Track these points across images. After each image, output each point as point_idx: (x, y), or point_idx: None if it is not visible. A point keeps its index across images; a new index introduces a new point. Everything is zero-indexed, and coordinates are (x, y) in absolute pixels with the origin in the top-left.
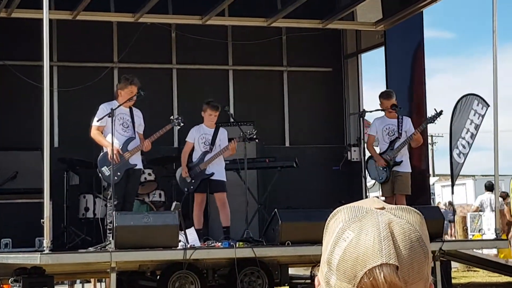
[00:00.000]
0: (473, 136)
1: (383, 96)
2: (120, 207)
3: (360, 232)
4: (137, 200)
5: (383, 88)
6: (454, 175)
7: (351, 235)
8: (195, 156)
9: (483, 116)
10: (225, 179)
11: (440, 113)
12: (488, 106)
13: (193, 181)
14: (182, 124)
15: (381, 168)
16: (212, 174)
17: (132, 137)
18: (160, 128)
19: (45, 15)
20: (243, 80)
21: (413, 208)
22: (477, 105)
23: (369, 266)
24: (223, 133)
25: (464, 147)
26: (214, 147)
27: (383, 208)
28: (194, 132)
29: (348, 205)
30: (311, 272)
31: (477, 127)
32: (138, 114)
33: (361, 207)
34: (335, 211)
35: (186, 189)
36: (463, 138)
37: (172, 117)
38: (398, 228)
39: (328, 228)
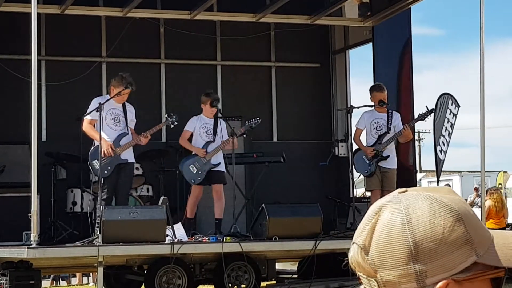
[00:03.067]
0: (450, 135)
1: (376, 89)
2: (111, 201)
3: (367, 212)
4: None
5: (371, 84)
6: (438, 172)
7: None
8: (197, 146)
9: (456, 116)
10: (225, 171)
11: (431, 111)
12: (459, 106)
13: (199, 172)
14: (176, 123)
15: (368, 162)
16: (219, 164)
17: (125, 132)
18: (147, 122)
19: (34, 9)
20: (231, 75)
21: (433, 196)
22: (451, 104)
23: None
24: (222, 124)
25: (444, 144)
26: (216, 137)
27: (405, 192)
28: (195, 121)
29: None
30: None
31: (452, 126)
32: (130, 109)
33: (397, 191)
34: None
35: (193, 181)
36: (443, 136)
37: (166, 115)
38: (387, 212)
39: None
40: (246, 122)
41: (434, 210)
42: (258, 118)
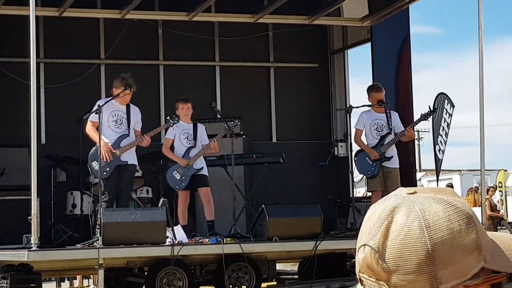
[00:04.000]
0: (446, 134)
1: (374, 89)
2: (112, 203)
3: (373, 212)
4: None
5: (370, 83)
6: (437, 171)
7: (368, 213)
8: (179, 153)
9: (451, 116)
10: (207, 174)
11: (434, 110)
12: (454, 106)
13: (183, 177)
14: (178, 125)
15: (371, 163)
16: (202, 168)
17: (125, 134)
18: (146, 123)
19: (32, 11)
20: (230, 76)
21: (446, 199)
22: (447, 104)
23: (360, 244)
24: (201, 128)
25: (442, 144)
26: (197, 142)
27: (414, 193)
28: (175, 128)
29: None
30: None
31: (448, 125)
32: (135, 111)
33: (399, 190)
34: None
35: (177, 187)
36: (441, 136)
37: (168, 117)
38: (402, 214)
39: None
40: (226, 125)
41: (449, 214)
42: (237, 120)
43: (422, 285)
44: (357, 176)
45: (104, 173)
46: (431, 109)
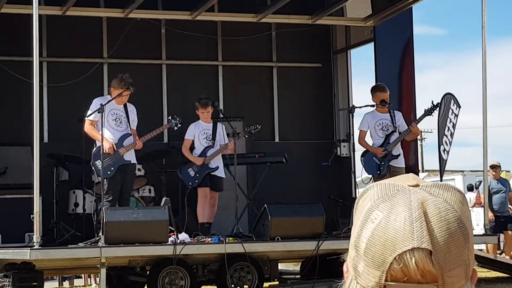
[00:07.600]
0: (452, 135)
1: (379, 89)
2: (115, 203)
3: (389, 212)
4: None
5: (372, 83)
6: (441, 172)
7: (380, 216)
8: (196, 152)
9: (457, 116)
10: (224, 176)
11: (437, 105)
12: (460, 107)
13: (197, 175)
14: (179, 125)
15: (379, 162)
16: (217, 168)
17: (128, 133)
18: (149, 123)
19: (35, 10)
20: (233, 76)
21: (452, 185)
22: (453, 105)
23: (399, 251)
24: (220, 127)
25: (446, 144)
26: (216, 142)
27: (417, 186)
28: (193, 129)
29: (379, 181)
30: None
31: (454, 126)
32: (132, 109)
33: (394, 184)
34: (365, 188)
35: (190, 183)
36: (446, 136)
37: (170, 117)
38: (433, 208)
39: (357, 207)
40: (246, 128)
41: (460, 201)
42: (258, 125)
43: (462, 277)
44: (360, 176)
45: (109, 172)
46: (434, 104)
